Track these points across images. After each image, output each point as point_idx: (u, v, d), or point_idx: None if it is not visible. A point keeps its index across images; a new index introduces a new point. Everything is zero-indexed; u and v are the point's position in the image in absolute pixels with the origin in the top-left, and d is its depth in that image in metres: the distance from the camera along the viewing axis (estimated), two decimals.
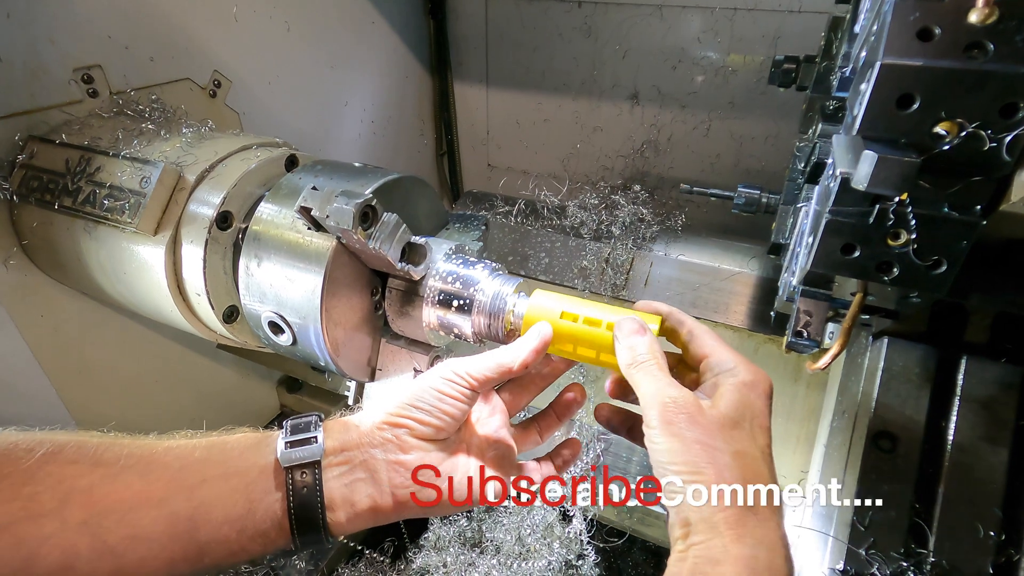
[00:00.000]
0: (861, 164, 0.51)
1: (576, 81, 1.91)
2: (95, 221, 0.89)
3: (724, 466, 0.47)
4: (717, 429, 0.49)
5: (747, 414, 0.51)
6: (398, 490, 0.58)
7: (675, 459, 0.49)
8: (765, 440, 0.51)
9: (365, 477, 0.58)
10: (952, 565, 0.73)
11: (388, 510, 0.58)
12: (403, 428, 0.59)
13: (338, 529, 0.57)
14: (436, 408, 0.59)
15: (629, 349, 0.57)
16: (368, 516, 0.58)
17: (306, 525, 0.56)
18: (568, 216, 1.51)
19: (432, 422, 0.59)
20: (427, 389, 0.60)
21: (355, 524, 0.58)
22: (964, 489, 0.76)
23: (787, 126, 1.67)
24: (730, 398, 0.52)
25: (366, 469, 0.58)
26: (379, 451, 0.59)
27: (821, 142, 0.90)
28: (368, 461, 0.58)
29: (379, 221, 0.71)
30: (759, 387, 0.53)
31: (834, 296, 0.73)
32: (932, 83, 0.51)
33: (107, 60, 1.07)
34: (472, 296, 0.74)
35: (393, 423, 0.60)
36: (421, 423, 0.59)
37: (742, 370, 0.54)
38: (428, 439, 0.60)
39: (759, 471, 0.48)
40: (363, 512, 0.58)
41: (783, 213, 1.04)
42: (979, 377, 0.79)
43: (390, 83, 1.91)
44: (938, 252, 0.57)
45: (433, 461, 0.59)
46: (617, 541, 1.28)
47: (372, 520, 0.58)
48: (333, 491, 0.57)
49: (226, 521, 0.53)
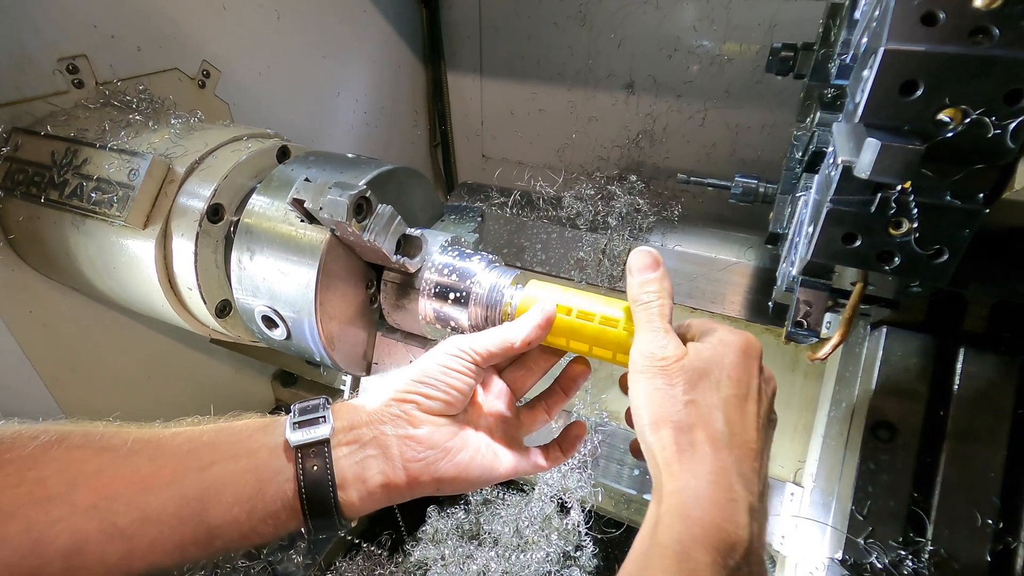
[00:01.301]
0: (864, 152, 0.50)
1: (571, 70, 1.89)
2: (83, 215, 0.87)
3: (675, 413, 0.51)
4: (681, 379, 0.52)
5: (714, 366, 0.53)
6: (411, 464, 0.58)
7: (636, 405, 0.53)
8: (731, 390, 0.52)
9: (376, 454, 0.58)
10: (950, 553, 0.74)
11: (401, 486, 0.58)
12: (411, 403, 0.60)
13: (351, 510, 0.57)
14: (443, 382, 0.60)
15: (640, 285, 0.58)
16: (381, 494, 0.58)
17: (317, 505, 0.55)
18: (564, 207, 1.49)
19: (440, 396, 0.60)
20: (433, 365, 0.61)
21: (368, 503, 0.58)
22: (962, 478, 0.76)
23: (783, 115, 1.66)
24: (700, 351, 0.54)
25: (377, 446, 0.58)
26: (389, 427, 0.59)
27: (819, 131, 0.89)
28: (378, 438, 0.58)
29: (374, 213, 0.70)
30: (734, 344, 0.55)
31: (834, 286, 0.73)
32: (936, 69, 0.50)
33: (92, 50, 1.05)
34: (469, 288, 0.73)
35: (401, 399, 0.60)
36: (429, 397, 0.60)
37: (723, 331, 0.57)
38: (437, 413, 0.60)
39: (710, 416, 0.51)
40: (375, 490, 0.57)
41: (781, 203, 1.03)
42: (977, 366, 0.79)
43: (383, 73, 1.88)
44: (940, 241, 0.57)
45: (443, 436, 0.60)
46: (615, 532, 1.28)
47: (386, 498, 0.58)
48: (344, 469, 0.57)
49: (236, 502, 0.53)
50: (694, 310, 1.29)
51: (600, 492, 1.25)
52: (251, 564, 1.36)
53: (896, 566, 0.74)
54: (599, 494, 1.25)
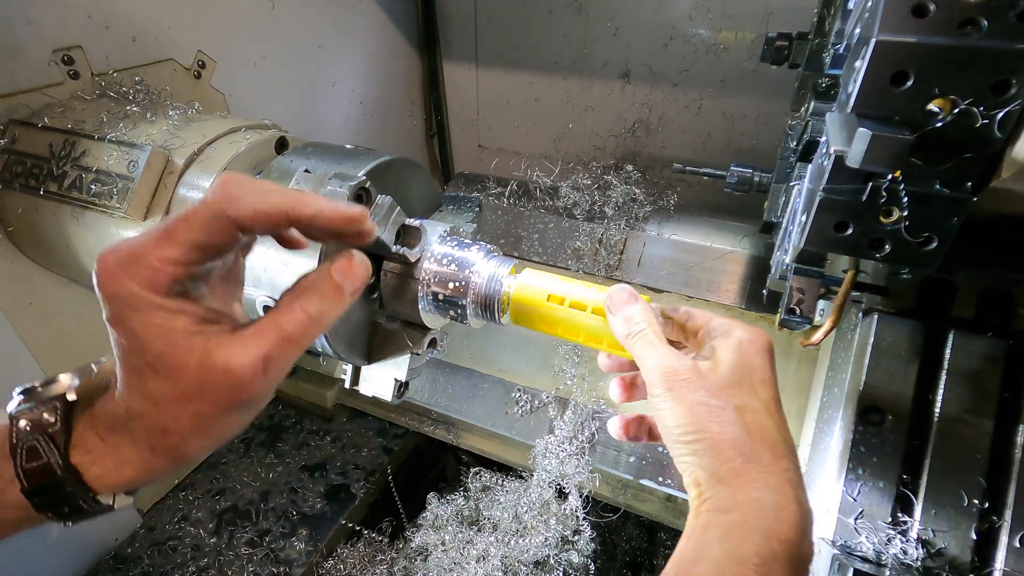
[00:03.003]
0: (855, 142, 0.51)
1: (567, 59, 1.89)
2: (82, 206, 0.87)
3: (727, 422, 0.48)
4: (717, 389, 0.50)
5: (746, 371, 0.52)
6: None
7: (679, 423, 0.50)
8: (768, 393, 0.52)
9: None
10: (937, 532, 0.76)
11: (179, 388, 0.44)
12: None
13: (101, 481, 0.46)
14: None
15: (625, 320, 0.57)
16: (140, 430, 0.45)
17: (39, 476, 0.45)
18: (561, 197, 1.50)
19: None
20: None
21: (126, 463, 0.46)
22: (950, 459, 0.78)
23: (779, 104, 1.67)
24: (728, 358, 0.52)
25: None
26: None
27: (813, 120, 0.90)
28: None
29: (373, 203, 0.70)
30: (756, 343, 0.53)
31: (826, 273, 0.74)
32: (926, 60, 0.51)
33: (87, 40, 1.05)
34: (468, 278, 0.74)
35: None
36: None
37: (738, 330, 0.55)
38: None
39: (761, 423, 0.49)
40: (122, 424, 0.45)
41: (775, 192, 1.04)
42: (965, 351, 0.81)
43: (378, 62, 1.88)
44: (929, 229, 0.58)
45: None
46: (612, 516, 1.30)
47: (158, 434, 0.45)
48: (83, 434, 0.46)
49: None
50: (690, 298, 1.31)
51: (597, 478, 1.27)
52: (254, 551, 1.38)
53: (885, 546, 0.76)
54: (596, 480, 1.27)
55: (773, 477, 0.47)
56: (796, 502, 0.47)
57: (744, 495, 0.46)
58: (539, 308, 0.67)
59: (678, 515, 1.30)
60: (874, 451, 0.81)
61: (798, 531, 0.45)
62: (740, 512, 0.46)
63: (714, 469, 0.48)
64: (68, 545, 1.30)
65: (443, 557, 1.34)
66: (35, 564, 1.23)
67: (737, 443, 0.48)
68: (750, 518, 0.45)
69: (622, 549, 1.67)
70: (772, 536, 0.45)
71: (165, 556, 1.37)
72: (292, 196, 0.45)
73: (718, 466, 0.48)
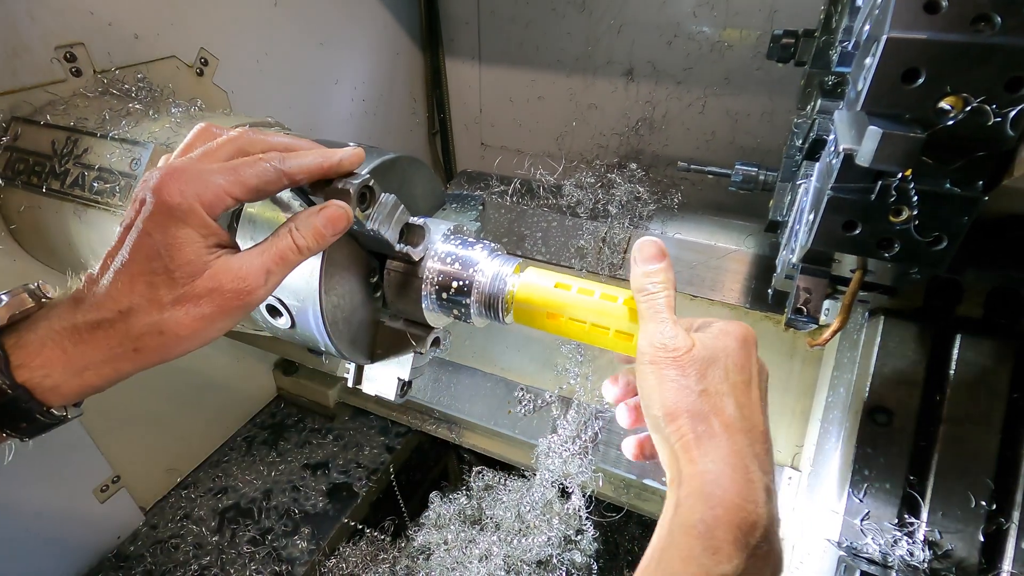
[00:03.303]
0: (866, 140, 0.51)
1: (570, 57, 1.88)
2: (85, 204, 0.87)
3: (691, 402, 0.52)
4: (693, 370, 0.53)
5: (721, 354, 0.54)
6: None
7: (653, 397, 0.54)
8: (740, 377, 0.54)
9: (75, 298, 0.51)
10: (944, 534, 0.75)
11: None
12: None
13: (58, 392, 0.50)
14: None
15: (645, 275, 0.59)
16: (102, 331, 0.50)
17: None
18: (564, 195, 1.50)
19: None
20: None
21: (83, 356, 0.50)
22: (957, 461, 0.78)
23: (783, 103, 1.66)
24: (706, 342, 0.55)
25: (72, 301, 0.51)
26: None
27: (820, 118, 0.90)
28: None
29: (377, 202, 0.70)
30: (734, 333, 0.56)
31: (833, 273, 0.73)
32: (938, 57, 0.50)
33: (90, 37, 1.04)
34: (472, 277, 0.74)
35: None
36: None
37: (721, 322, 0.58)
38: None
39: (721, 402, 0.52)
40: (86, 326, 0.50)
41: (781, 190, 1.03)
42: (973, 352, 0.80)
43: (380, 60, 1.87)
44: (939, 228, 0.57)
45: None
46: (615, 516, 1.30)
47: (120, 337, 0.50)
48: (36, 350, 0.49)
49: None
50: (694, 297, 1.30)
51: (600, 477, 1.27)
52: (256, 550, 1.38)
53: (891, 547, 0.75)
54: (599, 479, 1.27)
55: (722, 450, 0.50)
56: (742, 471, 0.49)
57: (694, 468, 0.50)
58: (544, 305, 0.67)
59: None
60: (880, 452, 0.80)
61: (741, 496, 0.48)
62: (689, 483, 0.50)
63: (673, 443, 0.52)
64: (70, 543, 1.30)
65: (446, 556, 1.34)
66: (38, 563, 1.23)
67: (694, 420, 0.51)
68: (696, 488, 0.49)
69: (625, 548, 1.66)
70: (716, 504, 0.48)
71: (167, 554, 1.37)
72: (319, 155, 0.60)
73: (675, 441, 0.52)
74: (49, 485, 1.21)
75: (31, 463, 1.16)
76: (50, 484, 1.21)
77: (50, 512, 1.22)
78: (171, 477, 1.53)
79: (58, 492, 1.23)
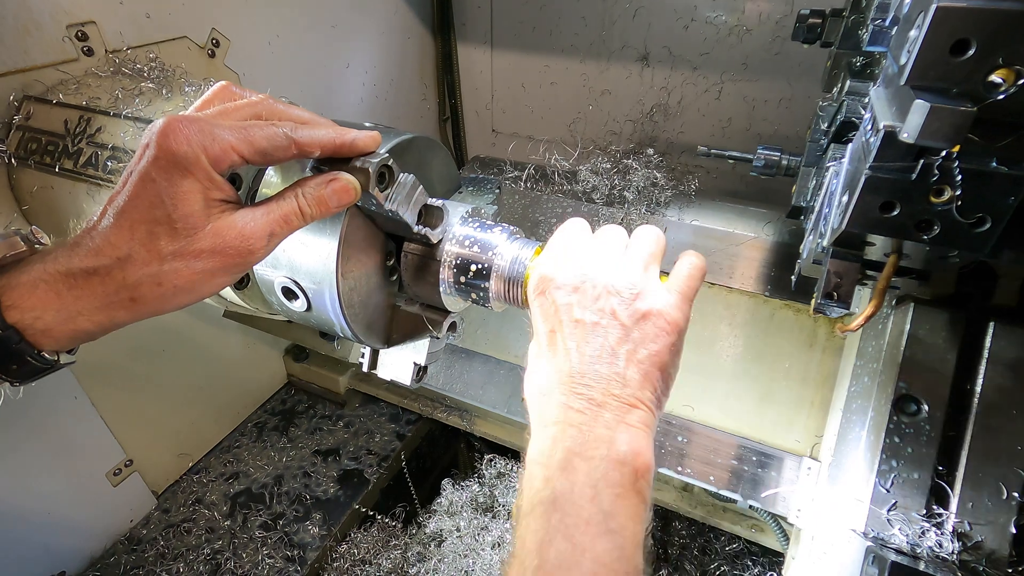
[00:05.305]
0: (911, 115, 0.49)
1: (584, 42, 1.85)
2: (98, 184, 0.86)
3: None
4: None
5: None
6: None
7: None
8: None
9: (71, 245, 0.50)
10: (974, 526, 0.74)
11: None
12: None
13: (49, 335, 0.50)
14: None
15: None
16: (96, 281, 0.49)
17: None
18: (580, 181, 1.47)
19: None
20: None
21: (78, 303, 0.49)
22: (988, 451, 0.76)
23: (803, 88, 1.62)
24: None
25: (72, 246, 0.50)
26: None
27: (849, 100, 0.87)
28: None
29: (396, 182, 0.68)
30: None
31: (864, 257, 0.71)
32: (991, 26, 0.47)
33: (102, 16, 1.03)
34: (490, 260, 0.72)
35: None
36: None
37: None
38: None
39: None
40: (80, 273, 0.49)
41: (805, 175, 1.01)
42: (1008, 340, 0.78)
43: (392, 44, 1.84)
44: (983, 209, 0.55)
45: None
46: None
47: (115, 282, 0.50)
48: (29, 292, 0.49)
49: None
50: (712, 284, 1.28)
51: None
52: (268, 535, 1.38)
53: (919, 538, 0.74)
54: None
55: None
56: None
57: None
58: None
59: (694, 504, 1.29)
60: (909, 442, 0.78)
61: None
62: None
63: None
64: (84, 526, 1.30)
65: (458, 543, 1.33)
66: (52, 545, 1.24)
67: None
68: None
69: None
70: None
71: (180, 538, 1.38)
72: (334, 131, 0.60)
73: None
74: (63, 469, 1.21)
75: (46, 447, 1.16)
76: (64, 468, 1.21)
77: (64, 496, 1.23)
78: (183, 462, 1.53)
79: (72, 476, 1.23)
